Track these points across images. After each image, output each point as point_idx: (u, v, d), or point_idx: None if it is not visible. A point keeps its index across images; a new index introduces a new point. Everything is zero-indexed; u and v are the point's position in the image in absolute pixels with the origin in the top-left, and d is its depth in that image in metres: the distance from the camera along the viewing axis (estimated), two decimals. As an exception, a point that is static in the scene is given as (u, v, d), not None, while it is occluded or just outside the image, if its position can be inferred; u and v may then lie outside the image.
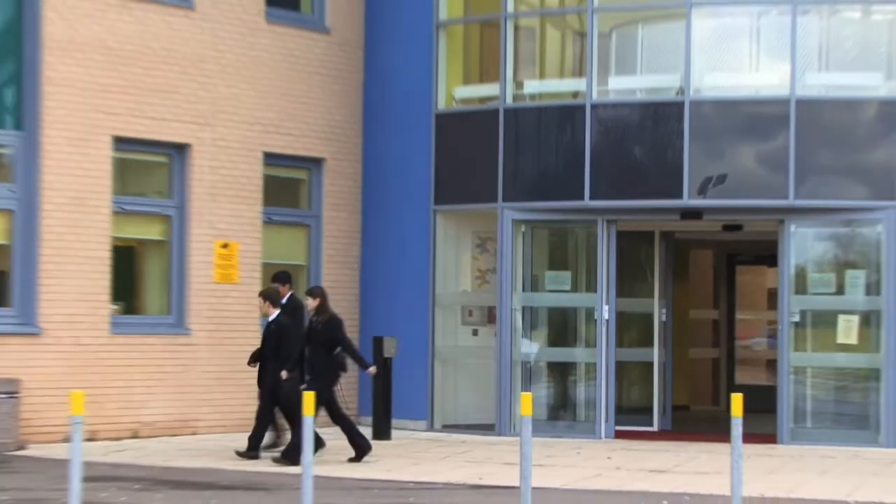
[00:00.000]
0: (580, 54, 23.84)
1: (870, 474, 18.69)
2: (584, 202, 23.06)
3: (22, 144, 21.56)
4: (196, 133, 23.21)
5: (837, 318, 22.64)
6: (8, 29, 21.69)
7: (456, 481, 17.64)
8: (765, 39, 23.27)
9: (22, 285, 21.50)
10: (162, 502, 15.51)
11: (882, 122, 22.54)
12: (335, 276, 25.18)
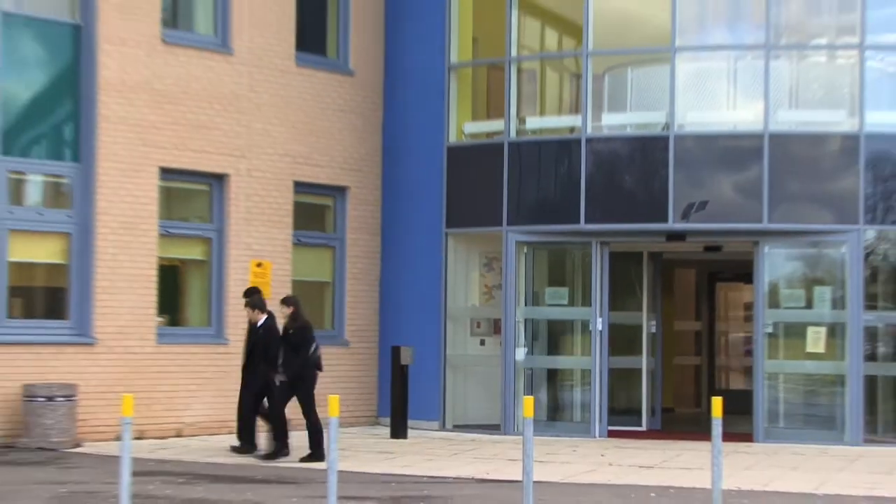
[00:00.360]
0: (576, 93, 23.90)
1: (836, 470, 18.71)
2: (580, 226, 23.04)
3: (79, 175, 21.54)
4: (233, 164, 23.19)
5: (807, 330, 22.69)
6: (67, 73, 21.66)
7: (465, 476, 17.65)
8: (741, 80, 23.31)
9: (78, 300, 21.45)
10: (202, 494, 15.47)
11: (845, 154, 22.44)
12: (357, 291, 25.16)
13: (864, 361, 22.23)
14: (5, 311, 20.87)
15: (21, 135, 21.28)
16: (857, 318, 22.21)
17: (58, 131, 21.85)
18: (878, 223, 22.44)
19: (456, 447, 21.35)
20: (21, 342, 20.66)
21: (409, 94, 25.07)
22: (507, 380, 23.58)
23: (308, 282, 24.69)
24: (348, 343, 24.91)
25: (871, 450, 21.26)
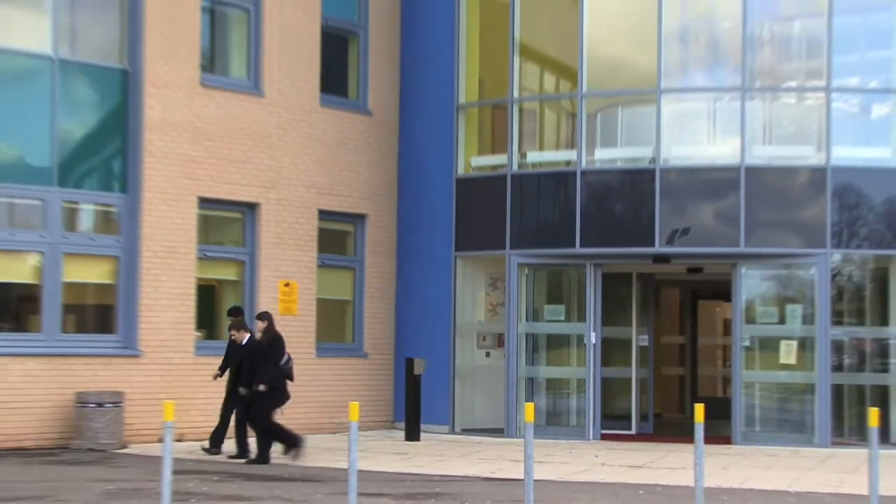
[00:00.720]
0: (572, 131, 23.79)
1: (807, 469, 18.74)
2: (575, 249, 23.01)
3: (126, 204, 21.61)
4: (264, 194, 23.21)
5: (780, 343, 22.67)
6: (116, 113, 21.75)
7: (472, 475, 17.67)
8: (720, 119, 23.27)
9: (125, 317, 21.52)
10: (236, 491, 15.52)
11: (814, 185, 22.44)
12: (375, 309, 25.12)
13: (831, 372, 22.22)
14: (60, 326, 20.94)
15: (74, 168, 21.35)
16: (825, 333, 22.22)
17: (107, 165, 21.91)
18: (844, 247, 22.43)
19: (464, 449, 21.31)
20: (74, 354, 20.73)
21: (422, 131, 25.08)
22: (510, 388, 23.55)
23: (331, 300, 24.70)
24: (367, 355, 24.90)
25: (838, 451, 21.25)
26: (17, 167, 20.84)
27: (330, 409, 23.58)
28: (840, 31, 22.67)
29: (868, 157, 22.93)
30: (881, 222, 22.56)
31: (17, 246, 20.88)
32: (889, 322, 22.78)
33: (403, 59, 25.50)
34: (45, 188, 20.88)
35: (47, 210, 20.96)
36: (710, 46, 23.54)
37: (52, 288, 20.93)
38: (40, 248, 20.89)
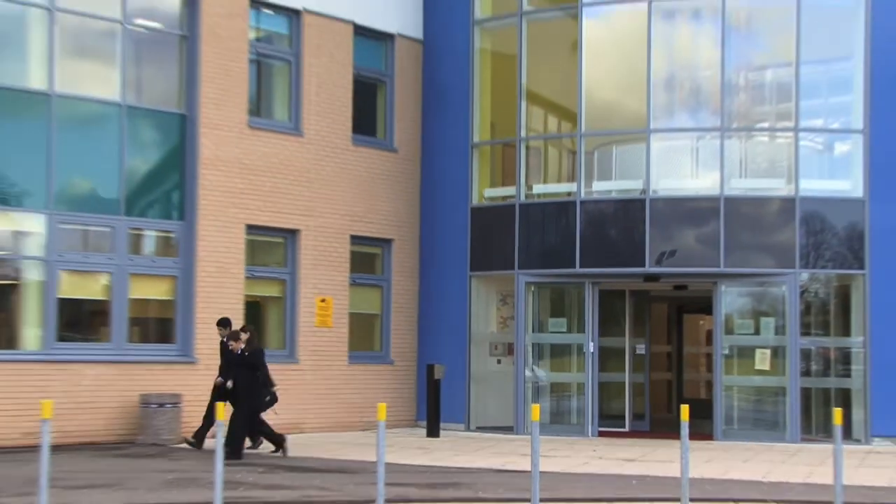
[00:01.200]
0: (572, 166, 23.71)
1: (779, 462, 18.73)
2: (575, 269, 23.00)
3: (183, 231, 21.69)
4: (303, 222, 23.25)
5: (755, 352, 22.63)
6: (174, 151, 21.81)
7: (486, 467, 17.61)
8: (702, 155, 23.22)
9: (182, 328, 21.62)
10: (280, 480, 15.56)
11: (784, 213, 22.41)
12: (399, 322, 25.09)
13: (800, 376, 22.18)
14: (126, 337, 21.00)
15: (139, 200, 21.40)
16: (795, 343, 22.20)
17: (167, 197, 21.91)
18: (811, 267, 22.42)
19: (478, 444, 21.26)
20: (138, 361, 20.83)
21: (441, 166, 25.07)
22: (518, 391, 23.54)
23: (361, 314, 24.66)
24: (393, 362, 24.87)
25: (806, 447, 21.21)
26: (90, 199, 20.84)
27: (361, 410, 23.64)
28: (806, 78, 22.69)
29: (831, 189, 22.88)
30: (843, 246, 22.52)
31: (90, 267, 20.96)
32: (851, 333, 22.72)
33: (425, 103, 25.48)
34: (113, 217, 20.91)
35: (115, 236, 20.98)
36: (693, 92, 23.42)
37: (120, 303, 20.97)
38: (109, 268, 20.95)
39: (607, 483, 15.81)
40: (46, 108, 20.21)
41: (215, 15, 22.04)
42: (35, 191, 20.18)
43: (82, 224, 20.81)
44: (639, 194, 22.85)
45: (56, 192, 20.29)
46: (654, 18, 22.89)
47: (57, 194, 20.30)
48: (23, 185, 20.13)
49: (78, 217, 20.62)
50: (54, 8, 20.35)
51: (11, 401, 19.01)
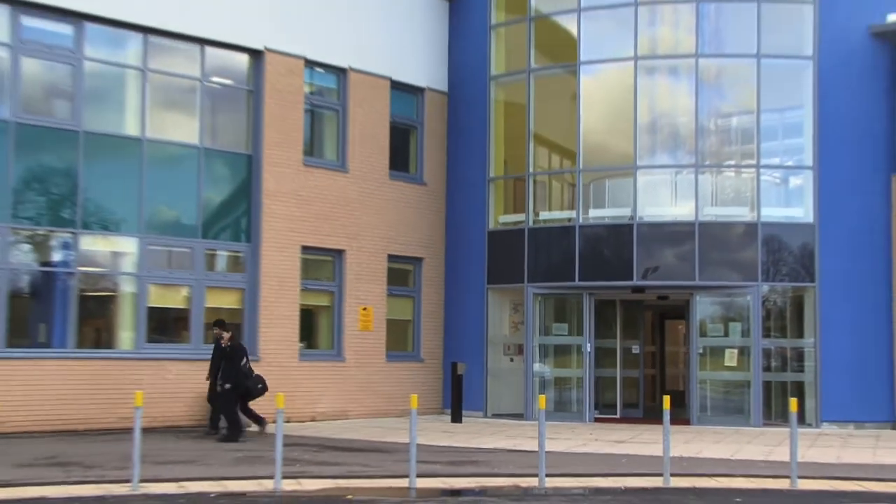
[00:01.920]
0: (572, 196, 23.64)
1: (745, 443, 18.76)
2: (575, 283, 23.01)
3: (250, 251, 21.81)
4: (349, 243, 23.29)
5: (724, 351, 22.58)
6: (242, 185, 21.86)
7: (500, 447, 17.70)
8: (679, 187, 23.03)
9: (249, 332, 21.65)
10: (328, 458, 15.68)
11: (748, 235, 22.32)
12: (428, 327, 25.05)
13: (762, 371, 22.15)
14: (203, 339, 21.04)
15: (213, 226, 21.51)
16: (758, 343, 22.19)
17: (236, 223, 21.95)
18: (770, 281, 22.35)
19: (494, 429, 21.27)
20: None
21: (463, 197, 25.04)
22: (528, 384, 23.53)
23: (397, 320, 24.59)
24: (423, 360, 24.85)
25: (767, 430, 21.17)
26: (173, 225, 20.96)
27: (396, 400, 23.59)
28: (765, 124, 22.63)
29: (787, 216, 22.80)
30: (797, 263, 22.45)
31: (174, 281, 21.11)
32: (804, 335, 22.63)
33: (449, 144, 25.46)
34: (192, 240, 21.06)
35: (194, 256, 21.12)
36: (672, 135, 23.28)
37: (197, 311, 21.10)
38: (189, 282, 21.08)
39: (602, 461, 15.88)
40: (139, 150, 20.38)
41: (276, 73, 22.17)
42: (129, 219, 20.30)
43: (167, 246, 20.92)
44: (627, 220, 22.82)
45: (146, 220, 20.41)
46: (639, 74, 22.89)
47: (147, 221, 20.42)
48: (119, 214, 20.26)
49: (163, 240, 20.76)
50: (146, 69, 20.59)
51: (110, 391, 19.19)
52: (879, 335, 22.34)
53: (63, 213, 19.65)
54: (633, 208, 22.82)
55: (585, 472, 14.41)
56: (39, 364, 18.82)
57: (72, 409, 19.07)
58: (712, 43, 23.00)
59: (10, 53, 19.07)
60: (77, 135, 19.65)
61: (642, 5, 23.08)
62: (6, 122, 18.89)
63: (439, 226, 25.39)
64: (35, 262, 19.71)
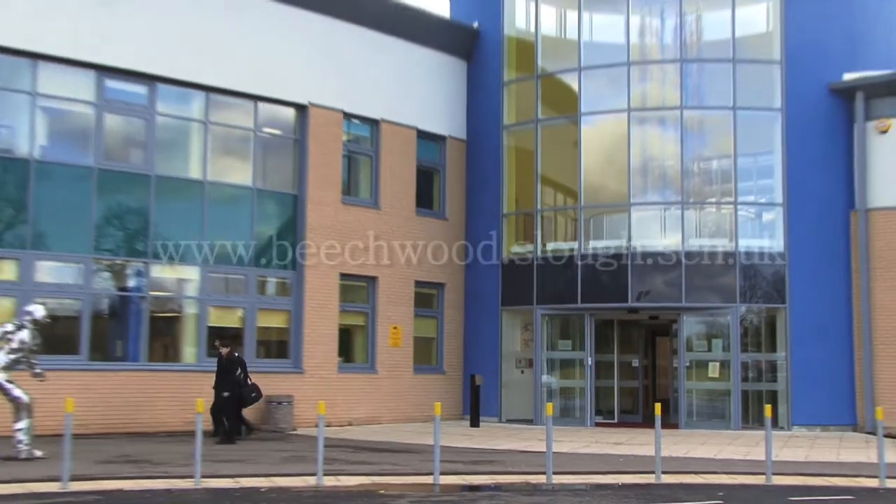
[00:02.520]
0: (574, 229, 23.53)
1: (726, 444, 18.72)
2: (577, 305, 23.00)
3: (295, 277, 21.78)
4: (381, 271, 23.28)
5: (708, 364, 22.54)
6: (289, 221, 21.87)
7: (512, 448, 17.72)
8: (668, 221, 22.87)
9: (294, 348, 21.70)
10: (364, 458, 15.57)
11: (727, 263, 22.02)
12: (450, 343, 24.93)
13: (741, 382, 22.11)
14: (255, 354, 21.11)
15: (263, 256, 21.51)
16: (737, 357, 22.15)
17: (284, 253, 21.83)
18: (747, 302, 22.31)
19: (508, 432, 21.25)
20: (264, 371, 20.78)
21: (480, 230, 24.95)
22: (536, 393, 23.48)
23: (422, 337, 24.50)
24: (445, 372, 24.74)
25: (746, 433, 21.14)
26: (230, 256, 20.91)
27: (422, 407, 23.54)
28: (742, 167, 22.65)
29: (761, 246, 22.67)
30: (770, 287, 22.41)
31: (230, 304, 21.21)
32: (776, 349, 22.55)
33: (468, 184, 25.46)
34: (246, 268, 21.12)
35: (248, 282, 21.21)
36: (661, 176, 23.26)
37: (250, 330, 21.16)
38: (243, 305, 21.18)
39: (601, 460, 15.89)
40: (201, 191, 20.54)
41: (318, 124, 22.28)
42: (192, 250, 20.37)
43: (224, 273, 20.98)
44: (623, 250, 22.77)
45: (206, 251, 20.52)
46: (632, 124, 22.98)
47: (207, 252, 20.53)
48: (184, 246, 20.30)
49: (221, 268, 20.84)
50: (208, 121, 20.83)
51: (176, 399, 19.25)
52: (842, 350, 22.32)
53: (137, 246, 19.82)
54: (627, 240, 22.77)
55: (587, 471, 14.43)
56: (116, 375, 18.96)
57: (144, 414, 19.18)
58: (695, 97, 23.07)
59: (96, 111, 19.41)
60: (149, 178, 19.85)
61: (634, 65, 23.24)
62: (90, 168, 19.18)
63: (459, 255, 25.23)
64: (113, 287, 19.86)
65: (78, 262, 19.03)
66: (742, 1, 23.08)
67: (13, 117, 18.63)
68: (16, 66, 18.52)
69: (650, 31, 23.63)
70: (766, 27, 23.37)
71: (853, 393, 22.23)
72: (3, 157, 18.45)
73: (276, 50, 21.76)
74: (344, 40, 22.96)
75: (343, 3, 22.83)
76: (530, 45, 24.68)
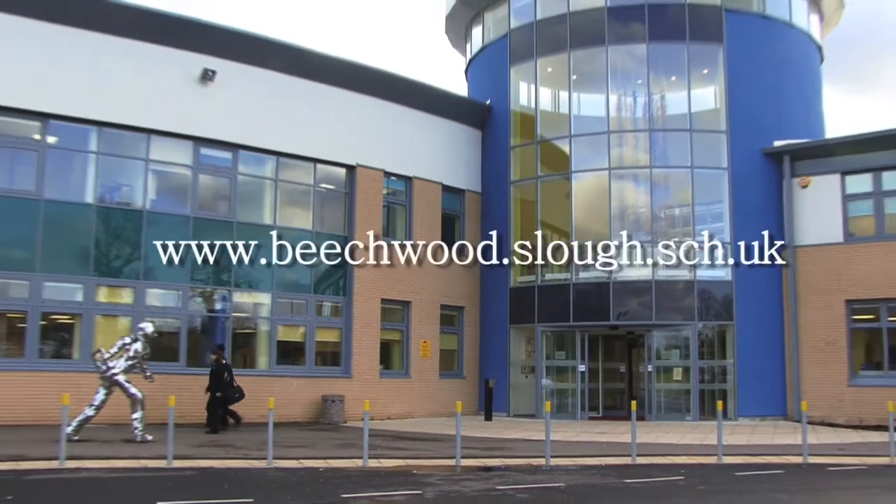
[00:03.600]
0: (569, 259, 23.22)
1: (687, 432, 18.68)
2: (570, 323, 22.94)
3: (346, 302, 21.83)
4: (414, 297, 23.26)
5: (672, 369, 22.46)
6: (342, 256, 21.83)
7: (518, 437, 17.62)
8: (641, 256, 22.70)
9: (345, 358, 21.62)
10: (400, 445, 15.45)
11: (686, 289, 22.11)
12: (469, 354, 24.76)
13: (699, 383, 22.02)
14: (314, 362, 21.12)
15: (321, 285, 21.37)
16: (695, 363, 22.07)
17: (336, 283, 21.81)
18: (703, 320, 22.28)
19: (515, 425, 21.05)
20: (321, 376, 21.02)
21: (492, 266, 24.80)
22: (538, 393, 23.34)
23: (447, 349, 24.32)
24: (465, 377, 24.62)
25: (703, 423, 21.04)
26: (294, 285, 20.97)
27: (446, 405, 23.42)
28: (698, 212, 22.70)
29: (714, 276, 22.49)
30: (721, 307, 22.35)
31: (294, 323, 21.13)
32: (726, 357, 22.38)
33: (482, 228, 25.39)
34: (307, 294, 21.16)
35: (308, 305, 21.22)
36: (635, 220, 23.15)
37: (310, 343, 21.17)
38: (304, 323, 21.17)
39: (589, 446, 15.84)
40: (271, 234, 20.65)
41: (364, 181, 22.38)
42: (265, 280, 20.54)
43: (290, 299, 20.99)
44: (607, 279, 22.66)
45: (276, 282, 20.63)
46: (612, 180, 22.94)
47: (276, 282, 20.64)
48: (258, 278, 20.52)
49: (287, 294, 20.92)
50: (277, 179, 21.09)
51: (253, 397, 19.11)
52: (776, 357, 22.31)
53: (222, 277, 20.02)
54: (611, 271, 22.62)
55: (578, 454, 14.41)
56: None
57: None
58: (661, 158, 23.06)
59: (192, 172, 19.83)
60: (232, 224, 20.10)
61: (613, 133, 23.31)
62: (188, 216, 19.53)
63: (476, 284, 25.16)
64: (204, 310, 20.01)
65: (178, 290, 19.32)
66: (696, 84, 23.36)
67: (132, 178, 19.06)
68: (134, 139, 18.97)
69: (625, 107, 23.77)
70: (714, 105, 23.56)
71: (784, 390, 22.22)
72: (124, 208, 18.86)
73: (330, 123, 21.98)
74: (384, 114, 23.17)
75: (383, 85, 23.09)
76: (531, 118, 24.85)
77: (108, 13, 18.33)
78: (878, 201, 21.69)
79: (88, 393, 15.57)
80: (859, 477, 12.51)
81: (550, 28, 24.45)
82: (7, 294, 17.36)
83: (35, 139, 17.80)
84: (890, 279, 21.08)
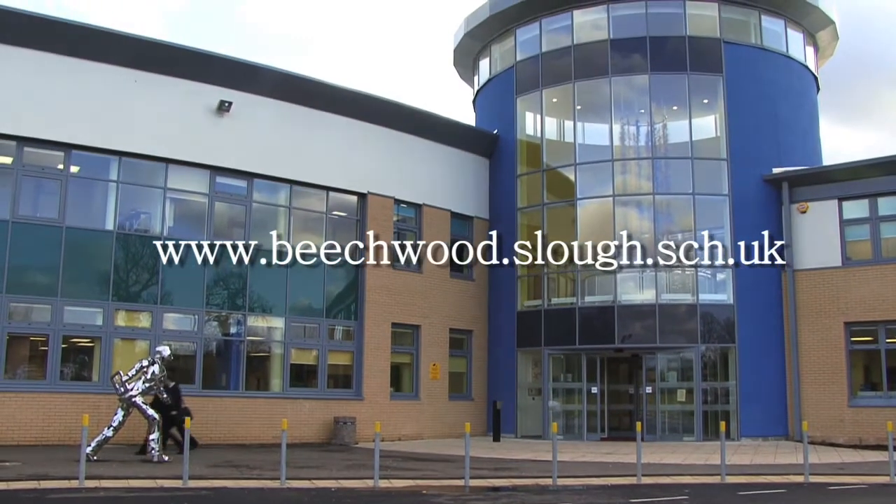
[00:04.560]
0: (572, 287, 23.48)
1: (690, 452, 18.56)
2: (576, 346, 22.94)
3: (357, 326, 21.80)
4: (423, 321, 23.25)
5: (677, 390, 22.36)
6: (353, 282, 21.76)
7: (525, 458, 17.52)
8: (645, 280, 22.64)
9: (356, 380, 21.59)
10: (410, 465, 15.41)
11: (690, 313, 22.11)
12: (477, 377, 24.60)
13: (702, 404, 21.92)
14: (326, 384, 21.05)
15: (333, 309, 21.60)
16: (699, 385, 21.99)
17: (349, 308, 21.95)
18: (706, 343, 22.22)
19: (522, 446, 21.00)
20: (333, 398, 20.92)
21: (500, 288, 24.89)
22: (545, 414, 23.30)
23: (456, 372, 24.24)
24: (473, 399, 24.50)
25: (706, 444, 20.91)
26: (307, 309, 21.02)
27: (455, 426, 23.35)
28: (700, 238, 22.58)
29: (716, 299, 22.57)
30: (723, 330, 22.28)
31: (307, 346, 21.11)
32: (729, 379, 22.31)
33: (489, 253, 25.29)
34: (319, 318, 21.17)
35: (320, 329, 21.22)
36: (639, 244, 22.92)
37: (322, 366, 21.12)
38: (316, 347, 21.15)
39: (595, 467, 15.79)
40: (286, 259, 20.65)
41: (375, 208, 22.42)
42: (279, 305, 20.57)
43: (303, 323, 21.00)
44: (611, 303, 22.75)
45: (289, 306, 20.66)
46: (616, 206, 23.05)
47: (289, 307, 20.67)
48: (273, 303, 20.55)
49: (301, 319, 20.94)
50: (291, 206, 21.17)
51: (266, 419, 19.38)
52: (777, 378, 22.17)
53: (237, 301, 20.08)
54: (614, 295, 22.74)
55: (584, 475, 14.35)
56: (221, 400, 19.19)
57: (242, 430, 19.30)
58: (663, 185, 23.11)
59: (209, 200, 19.97)
60: (247, 249, 20.13)
61: (616, 161, 23.40)
62: (202, 243, 19.62)
63: (484, 308, 25.14)
64: (219, 333, 20.06)
65: (194, 314, 19.39)
66: (697, 113, 23.48)
67: (150, 206, 19.22)
68: (153, 168, 19.16)
69: (628, 135, 23.85)
70: (714, 133, 23.63)
71: (786, 410, 22.09)
72: (143, 235, 19.01)
73: (343, 152, 22.12)
74: (395, 144, 23.30)
75: (394, 116, 23.23)
76: (538, 147, 24.97)
77: (129, 47, 18.59)
78: (874, 226, 21.70)
79: (107, 414, 15.64)
80: (860, 496, 12.45)
81: (555, 60, 24.65)
82: (30, 318, 17.51)
83: (58, 169, 18.02)
84: (888, 302, 21.05)
